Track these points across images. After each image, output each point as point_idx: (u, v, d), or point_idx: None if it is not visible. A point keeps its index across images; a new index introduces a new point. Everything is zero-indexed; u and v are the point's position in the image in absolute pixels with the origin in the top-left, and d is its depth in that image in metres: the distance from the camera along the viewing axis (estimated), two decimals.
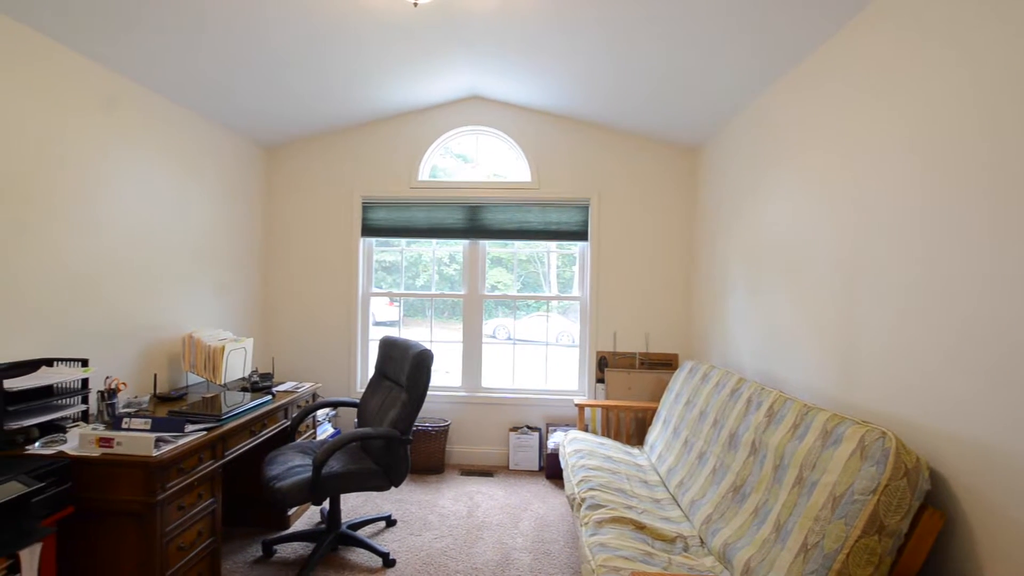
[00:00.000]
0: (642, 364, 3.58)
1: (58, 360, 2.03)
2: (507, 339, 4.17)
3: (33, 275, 2.02)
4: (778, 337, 2.39)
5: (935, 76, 1.48)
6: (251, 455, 2.66)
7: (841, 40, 1.96)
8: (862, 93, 1.82)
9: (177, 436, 1.88)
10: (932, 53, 1.50)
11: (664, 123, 3.30)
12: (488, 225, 3.69)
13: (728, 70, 2.46)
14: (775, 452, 1.76)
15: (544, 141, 3.64)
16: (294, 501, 2.14)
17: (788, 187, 2.32)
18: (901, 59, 1.63)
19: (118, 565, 1.75)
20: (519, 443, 3.58)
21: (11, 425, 1.75)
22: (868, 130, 1.78)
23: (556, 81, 3.04)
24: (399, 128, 3.70)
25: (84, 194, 2.24)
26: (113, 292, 2.41)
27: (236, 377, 2.81)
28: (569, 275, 4.07)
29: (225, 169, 3.26)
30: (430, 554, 2.47)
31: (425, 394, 2.40)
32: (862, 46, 1.84)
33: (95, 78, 2.28)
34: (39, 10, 1.89)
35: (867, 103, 1.79)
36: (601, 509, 2.03)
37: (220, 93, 2.79)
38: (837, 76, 1.98)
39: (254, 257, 3.64)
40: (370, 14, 2.26)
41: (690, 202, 3.60)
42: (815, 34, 2.03)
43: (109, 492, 1.73)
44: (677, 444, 2.55)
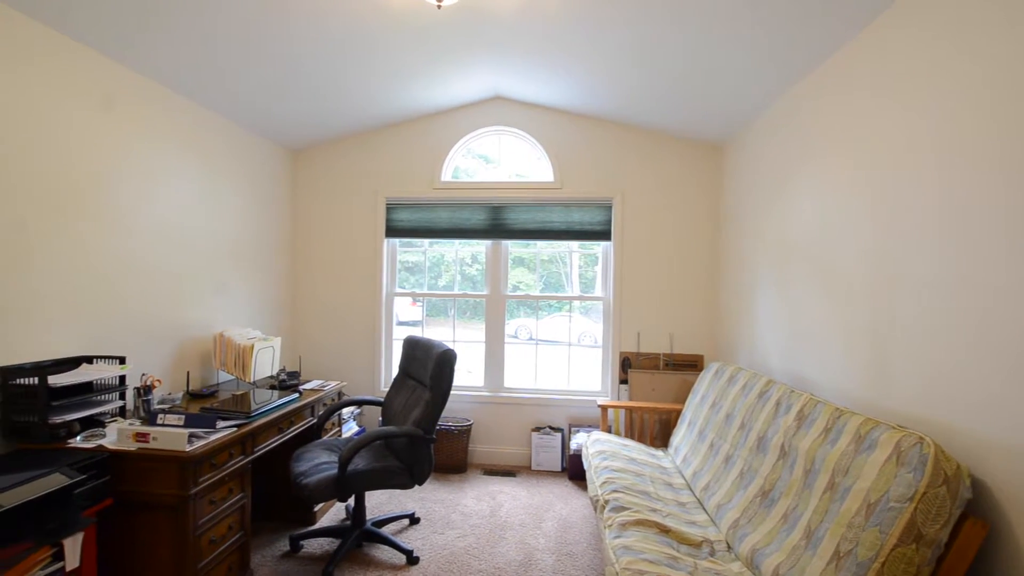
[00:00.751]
0: (666, 365, 3.54)
1: (97, 357, 2.11)
2: (529, 339, 4.16)
3: (75, 276, 2.11)
4: (807, 338, 2.33)
5: (965, 73, 1.42)
6: (279, 451, 2.72)
7: (868, 37, 1.91)
8: (891, 90, 1.76)
9: (209, 432, 1.94)
10: (964, 49, 1.44)
11: (688, 121, 3.25)
12: (510, 225, 3.69)
13: (754, 66, 2.41)
14: (806, 456, 1.72)
15: (566, 140, 3.63)
16: (320, 497, 2.17)
17: (816, 185, 2.26)
18: (930, 56, 1.57)
19: (154, 556, 1.81)
20: (541, 443, 3.57)
21: (54, 419, 1.82)
22: (899, 127, 1.72)
23: (579, 80, 3.02)
24: (422, 129, 3.74)
25: (121, 198, 2.33)
26: (148, 292, 2.50)
27: (264, 375, 2.87)
28: (591, 275, 4.04)
29: (254, 172, 3.34)
30: (453, 552, 2.48)
31: (448, 393, 2.41)
32: (890, 42, 1.78)
33: (131, 85, 2.36)
34: (80, 20, 1.96)
35: (896, 100, 1.73)
36: (625, 511, 2.01)
37: (248, 98, 2.86)
38: (865, 73, 1.92)
39: (281, 258, 3.72)
40: (394, 17, 2.28)
41: (715, 200, 3.54)
42: (842, 30, 1.98)
43: (145, 485, 1.79)
44: (703, 447, 2.51)
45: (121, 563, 1.82)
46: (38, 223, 1.95)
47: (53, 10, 1.88)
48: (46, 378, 1.80)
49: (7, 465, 1.59)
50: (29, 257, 1.92)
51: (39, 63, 1.94)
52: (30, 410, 1.80)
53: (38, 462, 1.62)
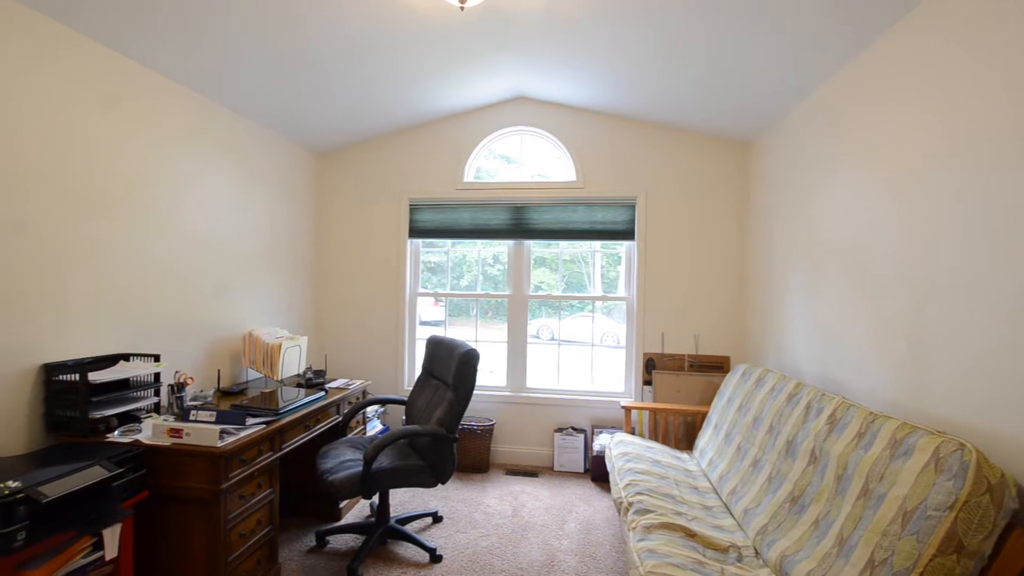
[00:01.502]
0: (691, 366, 3.48)
1: (133, 355, 2.18)
2: (551, 340, 4.15)
3: (113, 276, 2.19)
4: (839, 340, 2.26)
5: (1010, 69, 1.36)
6: (305, 448, 2.78)
7: (905, 30, 1.84)
8: (930, 87, 1.70)
9: (239, 428, 1.99)
10: (1011, 43, 1.37)
11: (714, 118, 3.19)
12: (533, 225, 3.68)
13: (784, 61, 2.36)
14: (837, 461, 1.67)
15: (589, 140, 3.61)
16: (346, 494, 2.21)
17: (850, 183, 2.20)
18: (973, 50, 1.50)
19: (187, 548, 1.86)
20: (564, 444, 3.56)
21: (94, 414, 1.89)
22: (938, 125, 1.65)
23: (602, 78, 3.00)
24: (445, 131, 3.76)
25: (158, 202, 2.40)
26: (182, 292, 2.57)
27: (292, 373, 2.93)
28: (614, 275, 4.00)
29: (281, 175, 3.41)
30: (476, 552, 2.49)
31: (471, 393, 2.42)
32: (930, 35, 1.71)
33: (170, 93, 2.44)
34: (126, 35, 2.04)
35: (936, 97, 1.66)
36: (649, 514, 1.99)
37: (278, 103, 2.92)
38: (902, 68, 1.85)
39: (308, 258, 3.79)
40: (417, 20, 2.30)
41: (742, 199, 3.47)
42: (878, 22, 1.91)
43: (179, 479, 1.85)
44: (729, 450, 2.46)
45: (156, 554, 1.88)
46: (81, 227, 2.03)
47: (103, 25, 1.95)
48: (86, 375, 1.87)
49: (51, 457, 1.66)
50: (72, 259, 2.00)
51: (84, 76, 2.02)
52: (72, 405, 1.87)
53: (79, 455, 1.69)
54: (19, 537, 1.37)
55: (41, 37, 1.87)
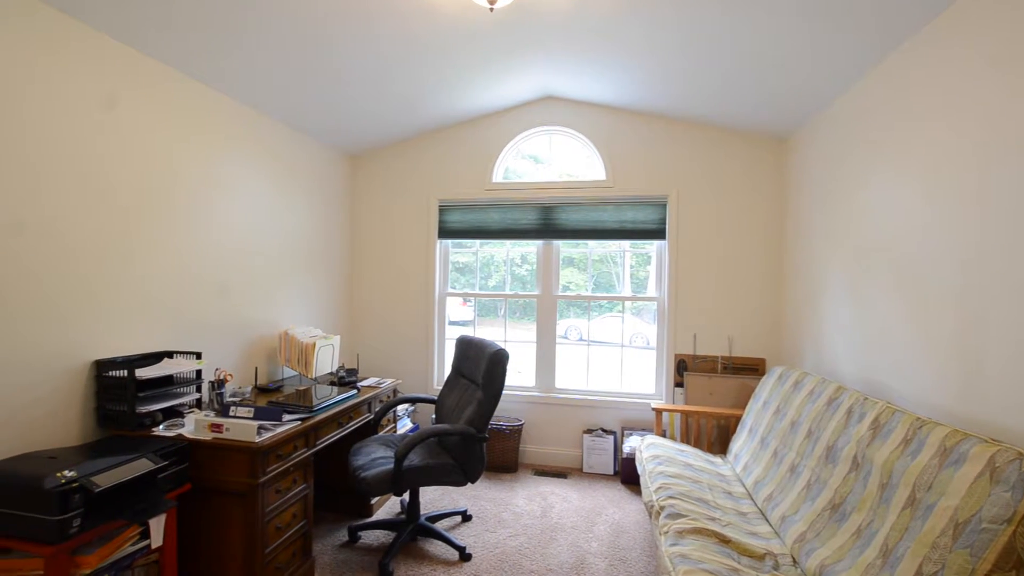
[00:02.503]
0: (725, 368, 3.40)
1: (177, 352, 2.27)
2: (579, 340, 4.12)
3: (159, 277, 2.28)
4: (883, 343, 2.17)
5: None
6: (338, 445, 2.84)
7: (960, 9, 1.75)
8: (989, 69, 1.60)
9: (276, 425, 2.04)
10: None
11: (749, 113, 3.11)
12: (562, 225, 3.67)
13: (824, 51, 2.28)
14: (882, 469, 1.60)
15: (619, 138, 3.57)
16: (377, 491, 2.24)
17: (896, 178, 2.10)
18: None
19: (227, 539, 1.93)
20: (593, 446, 3.53)
21: (141, 409, 1.98)
22: (1000, 111, 1.56)
23: (632, 76, 2.96)
24: (474, 132, 3.78)
25: (197, 205, 2.50)
26: (222, 292, 2.67)
27: (325, 372, 3.00)
28: (643, 275, 3.95)
29: (315, 178, 3.50)
30: (505, 551, 2.50)
31: (501, 393, 2.43)
32: (988, 15, 1.62)
33: (217, 104, 2.53)
34: (168, 43, 2.13)
35: (995, 80, 1.57)
36: (682, 519, 1.95)
37: (312, 107, 3.00)
38: (956, 52, 1.76)
39: (341, 259, 3.87)
40: (448, 22, 2.32)
41: (778, 196, 3.36)
42: (930, 3, 1.82)
43: (219, 473, 1.91)
44: (765, 455, 2.39)
45: (197, 544, 1.95)
46: (132, 229, 2.13)
47: (158, 42, 2.05)
48: (134, 371, 1.95)
49: (102, 449, 1.74)
50: (122, 259, 2.10)
51: (136, 86, 2.11)
52: (121, 400, 1.96)
53: (127, 447, 1.77)
54: (75, 524, 1.44)
55: (106, 57, 1.97)
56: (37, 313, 1.79)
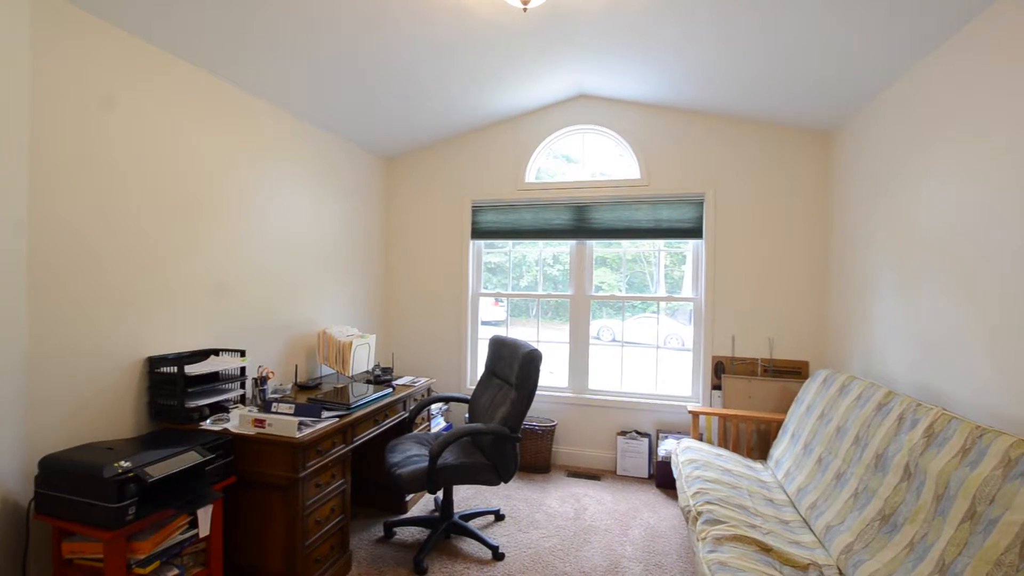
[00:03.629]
0: (765, 371, 3.29)
1: (222, 350, 2.36)
2: (612, 341, 4.07)
3: (206, 277, 2.38)
4: (938, 345, 2.05)
5: None
6: (373, 442, 2.89)
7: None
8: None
9: (315, 421, 2.10)
10: None
11: (790, 107, 3.00)
12: (595, 224, 3.63)
13: (872, 39, 2.17)
14: (937, 479, 1.51)
15: (653, 136, 3.50)
16: (412, 488, 2.28)
17: (954, 172, 1.99)
18: None
19: (269, 531, 1.99)
20: (627, 448, 3.48)
21: (190, 404, 2.07)
22: None
23: (667, 72, 2.90)
24: (506, 132, 3.79)
25: (241, 209, 2.59)
26: (264, 293, 2.76)
27: (361, 370, 3.06)
28: (678, 275, 3.87)
29: (352, 181, 3.58)
30: (538, 552, 2.49)
31: (534, 393, 2.42)
32: None
33: (256, 110, 2.63)
34: (211, 52, 2.22)
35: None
36: (720, 525, 1.90)
37: (350, 113, 3.07)
38: (1020, 34, 1.65)
39: (376, 260, 3.95)
40: (482, 23, 2.34)
41: (823, 192, 3.23)
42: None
43: (262, 466, 1.98)
44: (808, 461, 2.30)
45: (242, 535, 2.03)
46: (179, 232, 2.23)
47: (211, 57, 2.14)
48: (183, 367, 2.05)
49: (154, 441, 1.83)
50: (172, 261, 2.20)
51: (186, 97, 2.22)
52: (171, 395, 2.06)
53: (177, 440, 1.85)
54: (130, 512, 1.52)
55: (171, 74, 2.07)
56: (98, 312, 1.90)
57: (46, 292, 1.74)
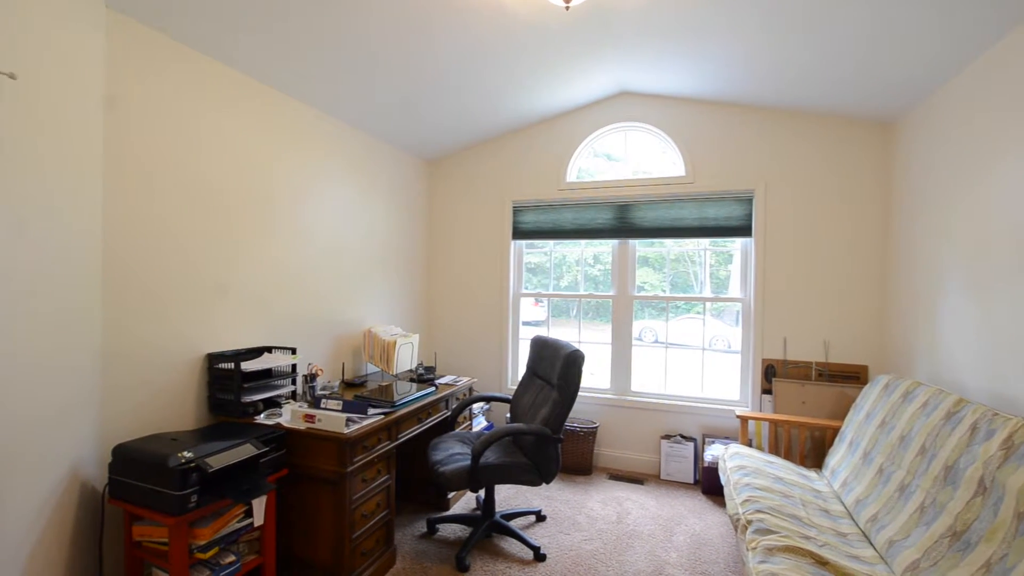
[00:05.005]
0: (820, 375, 3.14)
1: (275, 348, 2.46)
2: (654, 342, 3.98)
3: (260, 278, 2.50)
4: (1016, 349, 1.89)
5: None
6: (416, 439, 2.95)
7: None
8: None
9: (362, 418, 2.16)
10: None
11: (849, 97, 2.85)
12: (638, 224, 3.57)
13: (942, 21, 2.03)
14: (1018, 496, 1.40)
15: (699, 131, 3.41)
16: (455, 486, 2.30)
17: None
18: None
19: (318, 522, 2.06)
20: (672, 452, 3.40)
21: (245, 399, 2.17)
22: None
23: (713, 65, 2.81)
24: (547, 132, 3.78)
25: (292, 211, 2.70)
26: (313, 293, 2.87)
27: (405, 369, 3.13)
28: (724, 275, 3.74)
29: (396, 184, 3.66)
30: (580, 555, 2.47)
31: (576, 394, 2.40)
32: None
33: (306, 117, 2.74)
34: (269, 66, 2.32)
35: None
36: (772, 535, 1.82)
37: (393, 117, 3.14)
38: None
39: (419, 261, 4.02)
40: (523, 24, 2.34)
41: (883, 186, 3.05)
42: None
43: (311, 460, 2.05)
44: (868, 471, 2.18)
45: (293, 526, 2.11)
46: (236, 235, 2.35)
47: (265, 68, 2.25)
48: (240, 364, 2.15)
49: (213, 434, 1.93)
50: (229, 263, 2.32)
51: (239, 105, 2.33)
52: (228, 389, 2.16)
53: (234, 433, 1.94)
54: (192, 499, 1.61)
55: (225, 84, 2.19)
56: (164, 311, 2.03)
57: (118, 293, 1.86)
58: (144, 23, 1.92)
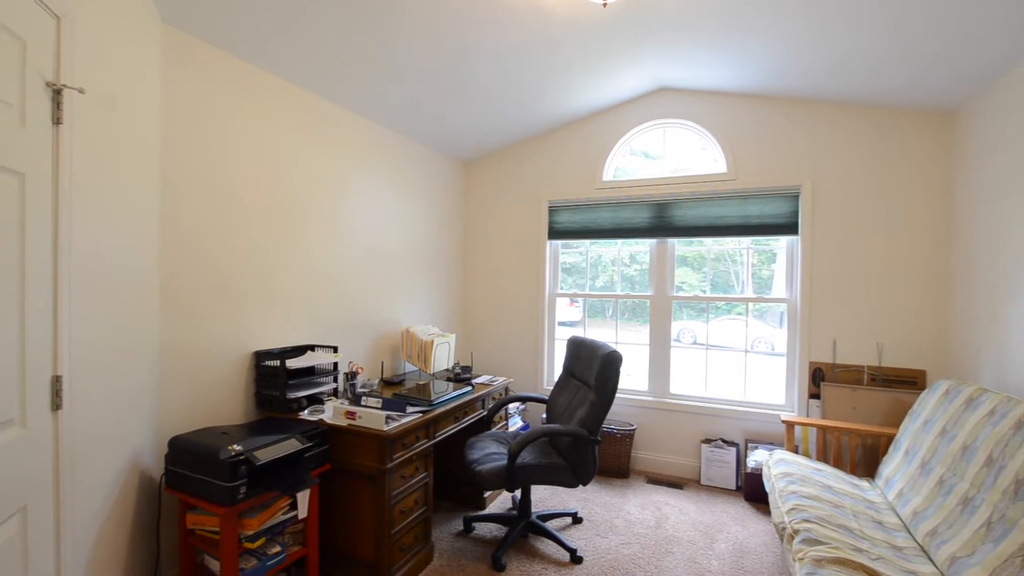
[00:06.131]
0: (872, 380, 2.98)
1: (318, 346, 2.54)
2: (693, 343, 3.89)
3: (303, 278, 2.58)
4: None
5: None
6: (453, 438, 2.97)
7: None
8: None
9: (401, 416, 2.20)
10: None
11: (904, 86, 2.69)
12: (677, 222, 3.49)
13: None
14: None
15: (741, 126, 3.30)
16: (491, 485, 2.31)
17: None
18: None
19: (359, 517, 2.11)
20: (712, 457, 3.30)
21: (290, 395, 2.24)
22: None
23: (756, 58, 2.71)
24: (583, 131, 3.75)
25: (334, 212, 2.78)
26: (354, 293, 2.94)
27: (442, 368, 3.16)
28: (767, 274, 3.61)
29: (431, 185, 3.71)
30: (617, 559, 2.43)
31: (614, 395, 2.37)
32: None
33: (347, 122, 2.81)
34: (310, 73, 2.40)
35: None
36: (820, 546, 1.75)
37: (430, 121, 3.18)
38: None
39: (455, 261, 4.06)
40: (560, 22, 2.33)
41: (943, 179, 2.87)
42: None
43: (352, 456, 2.10)
44: (926, 483, 2.06)
45: (335, 520, 2.17)
46: (279, 238, 2.43)
47: (311, 77, 2.33)
48: (285, 361, 2.22)
49: (259, 428, 2.00)
50: (274, 265, 2.40)
51: (284, 113, 2.42)
52: (274, 386, 2.24)
53: (279, 428, 2.01)
54: (241, 491, 1.68)
55: (265, 90, 2.28)
56: (214, 310, 2.12)
57: (173, 292, 1.96)
58: (192, 34, 2.01)
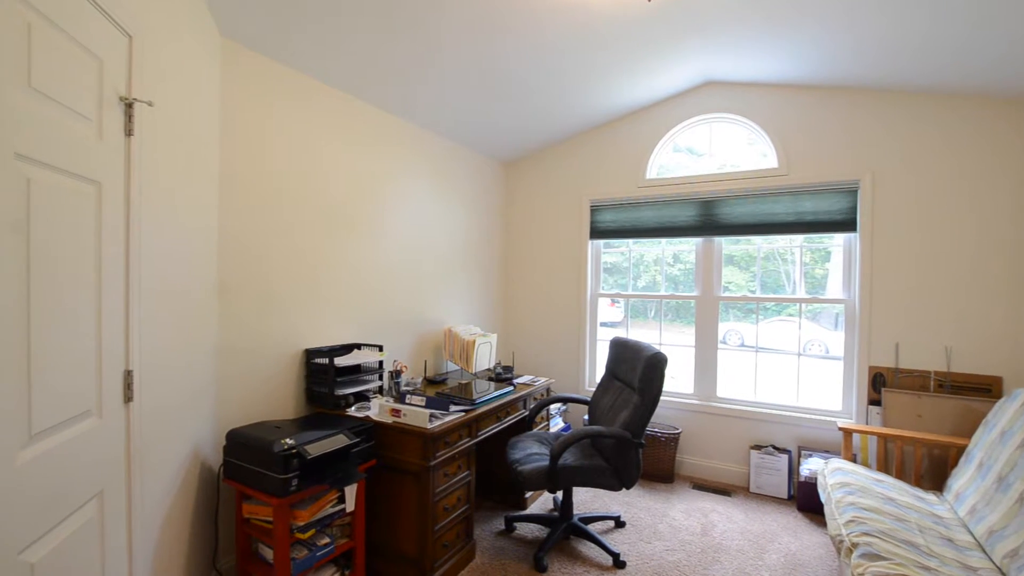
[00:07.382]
0: (940, 387, 2.79)
1: (364, 345, 2.61)
2: (740, 345, 3.75)
3: (350, 279, 2.66)
4: None
5: None
6: (495, 437, 2.99)
7: None
8: None
9: (444, 414, 2.23)
10: None
11: (974, 71, 2.50)
12: (725, 220, 3.37)
13: None
14: None
15: (793, 120, 3.16)
16: (533, 485, 2.31)
17: None
18: None
19: (403, 513, 2.15)
20: (762, 464, 3.18)
21: (338, 392, 2.31)
22: None
23: (810, 46, 2.59)
24: (625, 128, 3.69)
25: (377, 214, 2.85)
26: (399, 293, 3.01)
27: (483, 367, 3.19)
28: (821, 273, 3.44)
29: (474, 186, 3.74)
30: (661, 565, 2.38)
31: (658, 398, 2.32)
32: None
33: (390, 126, 2.88)
34: (351, 76, 2.47)
35: None
36: (882, 561, 1.65)
37: (472, 123, 3.22)
38: None
39: (497, 262, 4.09)
40: (602, 18, 2.30)
41: (1021, 172, 2.65)
42: None
43: (397, 453, 2.15)
44: (1004, 499, 1.90)
45: (380, 514, 2.22)
46: (327, 240, 2.52)
47: (356, 81, 2.41)
48: (333, 359, 2.30)
49: (309, 423, 2.07)
50: (323, 266, 2.49)
51: (339, 122, 2.50)
52: (323, 383, 2.32)
53: (328, 423, 2.08)
54: (293, 483, 1.75)
55: (320, 101, 2.37)
56: (268, 309, 2.22)
57: (229, 292, 2.06)
58: (246, 45, 2.11)
